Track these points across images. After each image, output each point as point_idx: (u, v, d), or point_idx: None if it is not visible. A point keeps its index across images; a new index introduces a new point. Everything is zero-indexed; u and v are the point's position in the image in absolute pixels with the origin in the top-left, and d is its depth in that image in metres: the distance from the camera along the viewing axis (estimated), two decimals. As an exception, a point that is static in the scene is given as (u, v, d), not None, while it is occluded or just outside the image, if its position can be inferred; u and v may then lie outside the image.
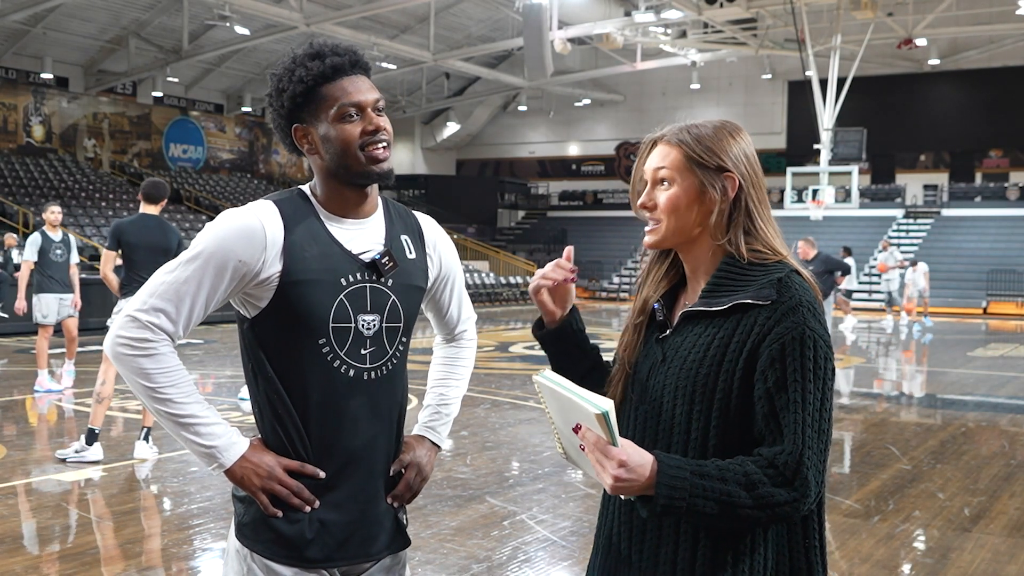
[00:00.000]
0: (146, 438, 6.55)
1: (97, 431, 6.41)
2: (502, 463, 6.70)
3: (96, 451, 6.40)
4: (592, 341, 1.90)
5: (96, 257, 18.18)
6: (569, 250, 1.80)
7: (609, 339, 16.72)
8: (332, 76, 1.81)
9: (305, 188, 1.89)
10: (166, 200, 6.77)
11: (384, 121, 1.84)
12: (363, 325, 1.83)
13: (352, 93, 1.81)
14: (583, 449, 1.53)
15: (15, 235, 16.55)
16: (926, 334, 17.86)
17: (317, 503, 1.81)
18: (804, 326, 1.53)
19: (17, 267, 16.54)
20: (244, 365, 1.87)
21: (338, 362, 1.81)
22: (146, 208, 6.65)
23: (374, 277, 1.84)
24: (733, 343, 1.57)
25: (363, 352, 1.83)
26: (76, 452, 6.40)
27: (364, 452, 1.85)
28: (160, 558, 4.63)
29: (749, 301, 1.57)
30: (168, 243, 6.63)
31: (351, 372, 1.82)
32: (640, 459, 1.49)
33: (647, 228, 1.70)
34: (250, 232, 1.77)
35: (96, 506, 5.60)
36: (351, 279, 1.82)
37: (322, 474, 1.81)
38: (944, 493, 6.03)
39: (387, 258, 1.86)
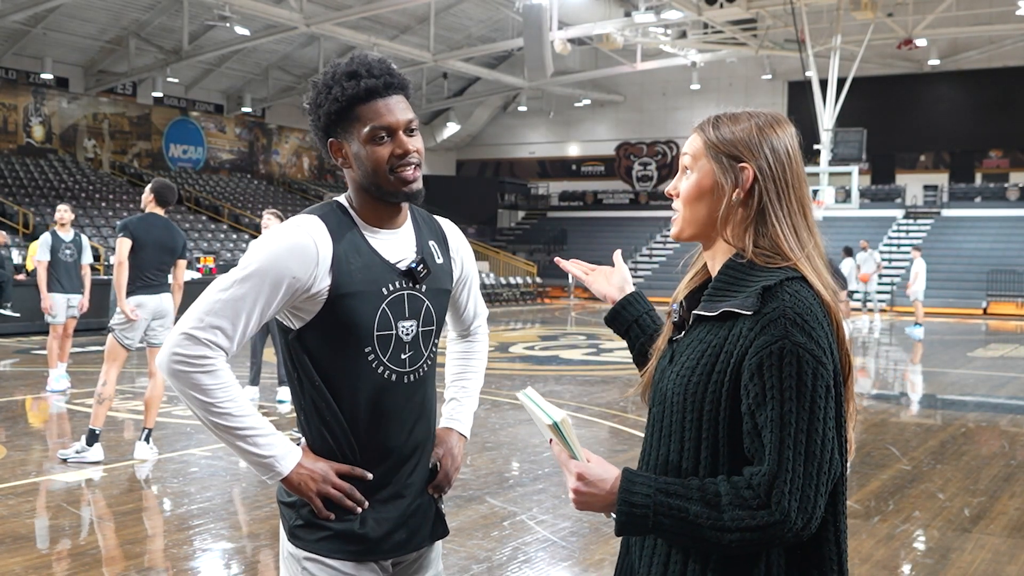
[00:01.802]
0: (147, 439, 6.55)
1: (98, 432, 6.41)
2: (502, 464, 6.71)
3: (96, 452, 6.41)
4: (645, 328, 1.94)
5: (97, 258, 18.18)
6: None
7: (609, 339, 16.71)
8: (366, 98, 1.85)
9: (342, 200, 1.95)
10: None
11: (415, 142, 1.89)
12: (403, 331, 1.92)
13: (384, 115, 1.85)
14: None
15: (4, 233, 16.55)
16: (914, 334, 17.86)
17: (367, 504, 1.89)
18: (785, 339, 1.43)
19: (18, 267, 16.59)
20: (288, 373, 1.93)
21: (382, 368, 1.89)
22: (154, 207, 6.64)
23: (410, 284, 1.93)
24: (723, 353, 1.51)
25: (403, 357, 1.92)
26: (76, 452, 6.41)
27: (409, 450, 1.95)
28: (160, 558, 4.63)
29: (735, 310, 1.50)
30: (174, 243, 6.64)
31: (393, 376, 1.91)
32: (602, 473, 1.50)
33: (672, 219, 1.67)
34: (303, 249, 1.82)
35: (96, 506, 5.60)
36: (391, 288, 1.90)
37: (370, 476, 1.89)
38: (944, 493, 6.03)
39: (422, 265, 1.94)
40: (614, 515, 1.50)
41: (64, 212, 9.53)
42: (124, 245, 6.49)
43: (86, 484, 6.02)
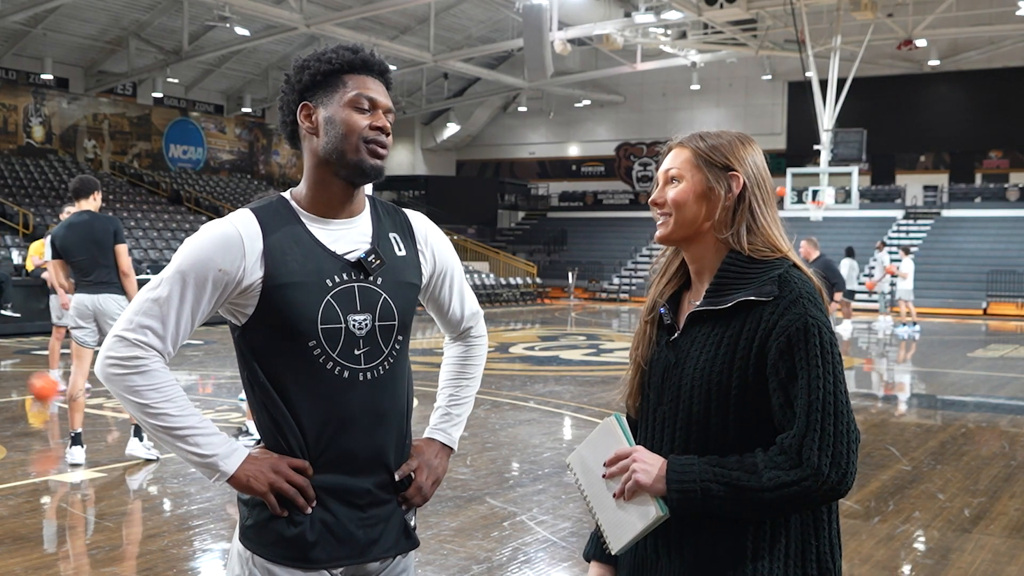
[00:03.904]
0: (137, 435, 6.50)
1: (72, 434, 6.36)
2: (502, 464, 6.71)
3: (76, 454, 6.34)
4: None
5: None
6: None
7: (609, 339, 16.71)
8: (359, 69, 1.85)
9: (286, 194, 1.89)
10: (98, 193, 6.51)
11: (389, 132, 1.87)
12: (354, 325, 1.81)
13: (372, 90, 1.85)
14: (616, 496, 1.68)
15: None
16: (912, 334, 17.91)
17: (315, 503, 1.80)
18: (806, 316, 1.60)
19: (18, 268, 16.59)
20: (240, 373, 1.87)
21: (331, 364, 1.80)
22: (78, 205, 6.46)
23: (362, 276, 1.84)
24: (742, 340, 1.64)
25: (356, 353, 1.82)
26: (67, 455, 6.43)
27: (366, 453, 1.84)
28: (160, 559, 4.63)
29: (753, 298, 1.64)
30: (96, 234, 6.31)
31: (345, 373, 1.81)
32: (653, 454, 1.68)
33: (657, 223, 1.79)
34: (227, 240, 1.77)
35: (97, 507, 5.60)
36: (337, 280, 1.81)
37: (311, 473, 1.81)
38: (944, 494, 6.03)
39: (373, 256, 1.85)
40: (661, 501, 1.63)
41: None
42: (54, 268, 6.56)
43: (86, 484, 6.02)
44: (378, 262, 1.85)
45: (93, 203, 6.47)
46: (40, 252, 11.04)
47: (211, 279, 1.76)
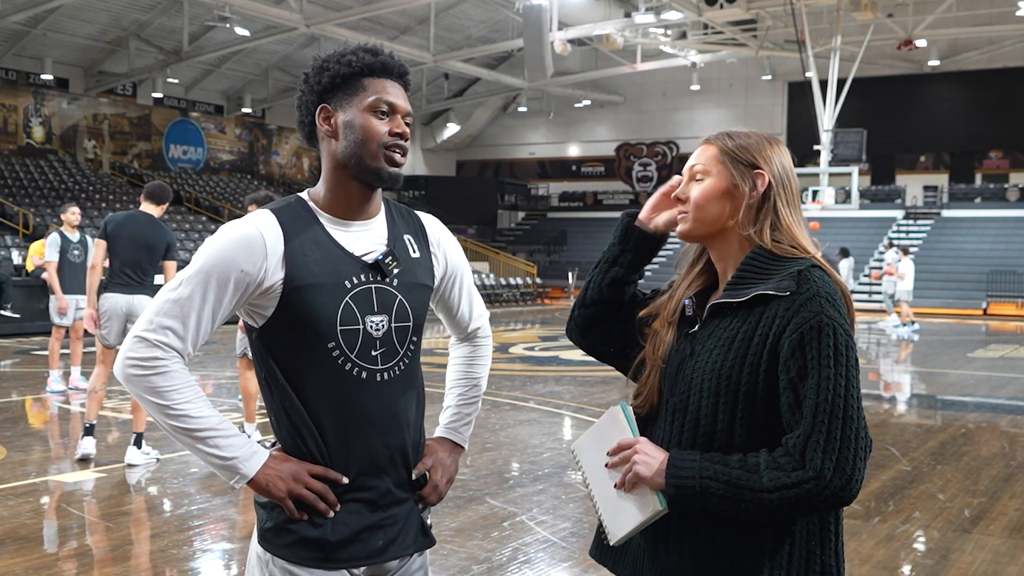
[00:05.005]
0: (137, 444, 6.44)
1: (87, 425, 6.45)
2: (502, 464, 6.71)
3: (86, 444, 6.43)
4: (633, 288, 1.92)
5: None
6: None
7: (609, 340, 16.69)
8: (379, 72, 1.85)
9: (304, 195, 1.90)
10: (166, 206, 6.70)
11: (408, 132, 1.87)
12: (371, 326, 1.83)
13: (392, 94, 1.85)
14: (617, 487, 1.67)
15: None
16: (910, 335, 17.94)
17: (339, 507, 1.81)
18: (822, 315, 1.57)
19: (17, 268, 16.58)
20: (257, 374, 1.87)
21: (349, 365, 1.81)
22: (145, 206, 6.56)
23: (379, 278, 1.85)
24: (756, 336, 1.61)
25: (374, 353, 1.83)
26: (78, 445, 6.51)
27: (383, 453, 1.85)
28: (160, 559, 4.63)
29: (770, 292, 1.62)
30: (151, 239, 6.45)
31: (363, 374, 1.82)
32: (657, 447, 1.67)
33: (678, 218, 1.77)
34: (250, 242, 1.77)
35: (97, 507, 5.60)
36: (355, 281, 1.83)
37: (345, 480, 1.81)
38: (944, 494, 6.03)
39: (390, 258, 1.86)
40: (661, 495, 1.61)
41: (76, 214, 9.50)
42: (99, 248, 6.48)
43: (86, 485, 6.02)
44: (395, 264, 1.86)
45: (159, 211, 6.61)
46: (40, 252, 11.05)
47: (233, 280, 1.76)
